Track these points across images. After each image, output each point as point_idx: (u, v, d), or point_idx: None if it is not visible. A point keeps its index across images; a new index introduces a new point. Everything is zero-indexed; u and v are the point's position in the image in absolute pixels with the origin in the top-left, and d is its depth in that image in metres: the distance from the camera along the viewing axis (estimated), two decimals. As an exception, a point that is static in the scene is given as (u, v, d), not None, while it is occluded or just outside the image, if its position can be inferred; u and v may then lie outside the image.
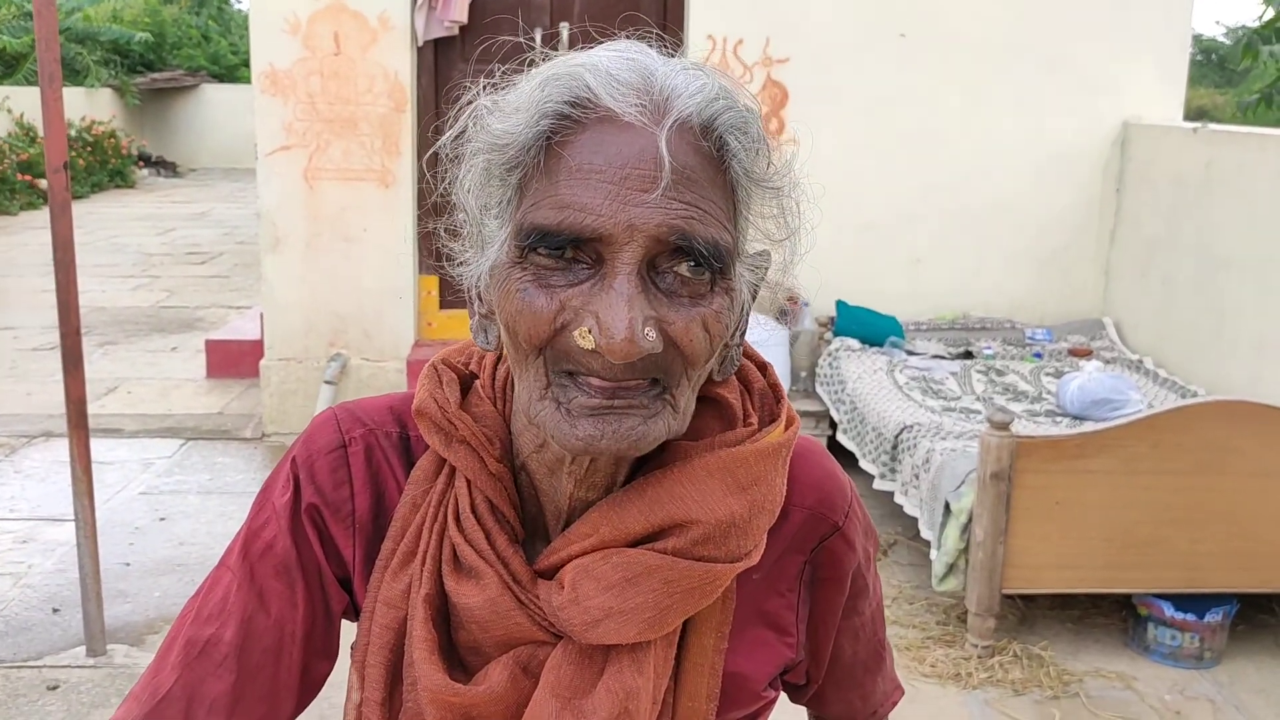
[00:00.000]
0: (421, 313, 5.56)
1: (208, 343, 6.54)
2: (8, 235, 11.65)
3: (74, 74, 16.54)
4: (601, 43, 0.84)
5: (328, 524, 0.94)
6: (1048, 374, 4.89)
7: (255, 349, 5.84)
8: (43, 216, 11.66)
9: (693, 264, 0.77)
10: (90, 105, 16.54)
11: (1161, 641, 3.47)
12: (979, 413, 4.31)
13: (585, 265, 0.77)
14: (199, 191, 16.06)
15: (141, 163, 17.47)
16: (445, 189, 0.87)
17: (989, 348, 5.20)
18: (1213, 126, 4.98)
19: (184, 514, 4.48)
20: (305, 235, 5.29)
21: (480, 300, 0.87)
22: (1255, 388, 4.19)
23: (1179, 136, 5.05)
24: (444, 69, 5.40)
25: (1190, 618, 3.42)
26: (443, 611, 0.89)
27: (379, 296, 5.35)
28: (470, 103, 0.84)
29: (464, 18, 5.22)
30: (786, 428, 0.90)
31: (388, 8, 5.14)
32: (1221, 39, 21.20)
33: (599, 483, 0.87)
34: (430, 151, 0.88)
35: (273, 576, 0.94)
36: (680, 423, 0.81)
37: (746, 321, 0.89)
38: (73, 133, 14.74)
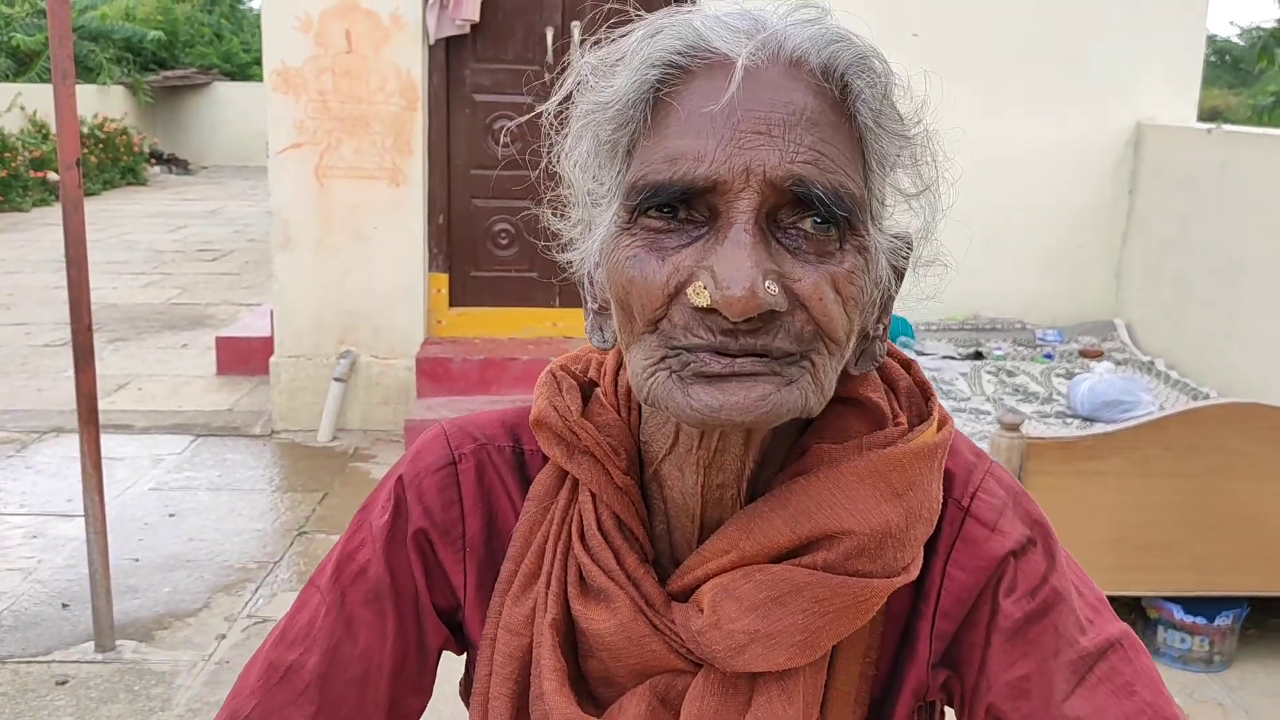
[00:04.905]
0: (431, 310, 5.57)
1: (218, 340, 6.55)
2: (20, 232, 11.70)
3: (87, 71, 16.58)
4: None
5: (436, 549, 0.88)
6: (1058, 375, 4.87)
7: (265, 346, 5.85)
8: (54, 213, 11.69)
9: (817, 219, 0.70)
10: (102, 103, 16.59)
11: (1171, 645, 3.45)
12: (989, 413, 4.29)
13: (698, 224, 0.71)
14: (210, 189, 16.10)
15: (153, 160, 17.52)
16: (546, 174, 0.81)
17: (999, 348, 5.18)
18: (1227, 128, 4.95)
19: (193, 510, 4.49)
20: (316, 233, 5.30)
21: (592, 295, 0.81)
22: (1267, 390, 4.16)
23: (1193, 138, 5.02)
24: (456, 68, 5.41)
25: (1200, 621, 3.40)
26: (570, 638, 0.83)
27: (389, 294, 5.36)
28: (574, 66, 0.78)
29: (476, 16, 5.21)
30: (940, 428, 0.81)
31: (400, 6, 5.14)
32: (1236, 40, 21.11)
33: (729, 465, 0.78)
34: (523, 119, 0.83)
35: (363, 604, 0.88)
36: (820, 399, 0.72)
37: (890, 308, 0.82)
38: (85, 130, 14.77)
